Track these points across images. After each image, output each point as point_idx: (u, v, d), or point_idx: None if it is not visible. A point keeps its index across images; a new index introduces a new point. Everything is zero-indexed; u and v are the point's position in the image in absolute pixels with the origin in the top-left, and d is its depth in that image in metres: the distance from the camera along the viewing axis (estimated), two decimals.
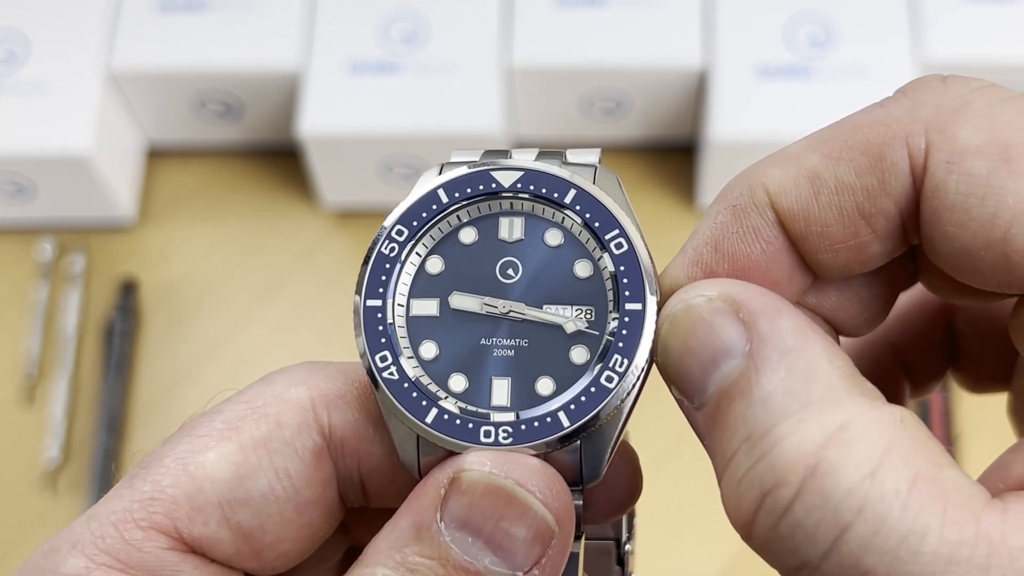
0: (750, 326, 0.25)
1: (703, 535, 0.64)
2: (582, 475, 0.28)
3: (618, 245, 0.28)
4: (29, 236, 0.74)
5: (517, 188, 0.29)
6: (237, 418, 0.28)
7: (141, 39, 0.71)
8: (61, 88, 0.69)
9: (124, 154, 0.74)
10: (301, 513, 0.28)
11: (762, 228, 0.27)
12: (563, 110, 0.72)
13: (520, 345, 0.28)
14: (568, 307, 0.28)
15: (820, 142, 0.27)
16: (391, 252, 0.29)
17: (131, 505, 0.27)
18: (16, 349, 0.71)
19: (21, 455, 0.68)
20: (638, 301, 0.28)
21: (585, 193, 0.29)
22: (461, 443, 0.27)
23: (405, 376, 0.28)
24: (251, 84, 0.71)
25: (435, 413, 0.27)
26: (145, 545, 0.27)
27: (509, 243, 0.29)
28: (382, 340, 0.28)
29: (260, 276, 0.73)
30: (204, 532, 0.27)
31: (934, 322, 0.35)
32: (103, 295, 0.72)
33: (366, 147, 0.69)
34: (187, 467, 0.28)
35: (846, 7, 0.70)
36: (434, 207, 0.29)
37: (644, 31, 0.69)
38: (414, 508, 0.26)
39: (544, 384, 0.28)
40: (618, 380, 0.27)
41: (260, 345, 0.71)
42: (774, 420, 0.24)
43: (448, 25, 0.70)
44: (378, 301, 0.28)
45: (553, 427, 0.27)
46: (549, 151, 0.30)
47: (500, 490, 0.26)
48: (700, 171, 0.71)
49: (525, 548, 0.26)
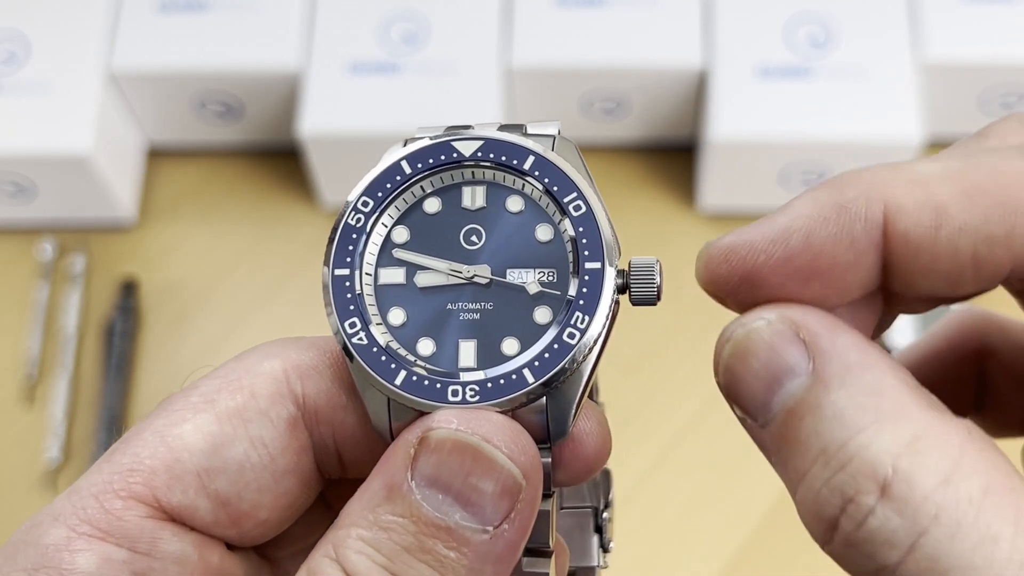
0: (811, 345, 0.26)
1: (703, 535, 0.65)
2: (549, 433, 0.28)
3: (576, 207, 0.29)
4: (29, 236, 0.74)
5: (478, 157, 0.30)
6: (212, 391, 0.29)
7: (141, 39, 0.71)
8: (61, 88, 0.69)
9: (124, 154, 0.74)
10: (278, 481, 0.29)
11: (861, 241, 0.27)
12: (563, 110, 0.72)
13: (485, 308, 0.29)
14: (531, 270, 0.29)
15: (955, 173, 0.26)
16: (357, 223, 0.30)
17: (110, 477, 0.28)
18: (16, 349, 0.71)
19: (21, 455, 0.68)
20: (597, 260, 0.28)
21: (543, 159, 0.29)
22: (429, 403, 0.28)
23: (375, 341, 0.28)
24: (251, 84, 0.71)
25: (404, 375, 0.28)
26: (125, 514, 0.28)
27: (472, 211, 0.30)
28: (351, 308, 0.29)
29: (260, 276, 0.73)
30: (183, 500, 0.28)
31: (966, 366, 0.35)
32: (103, 295, 0.72)
33: (366, 147, 0.69)
34: (164, 439, 0.28)
35: (846, 7, 0.70)
36: (398, 178, 0.30)
37: (644, 31, 0.69)
38: (385, 469, 0.27)
39: (509, 344, 0.28)
40: (580, 336, 0.28)
41: None
42: (848, 434, 0.25)
43: (448, 25, 0.70)
44: (346, 270, 0.29)
45: (519, 383, 0.28)
46: (509, 125, 0.30)
47: (467, 446, 0.27)
48: (700, 171, 0.71)
49: (494, 502, 0.26)
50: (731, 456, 0.66)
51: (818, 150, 0.67)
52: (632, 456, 0.66)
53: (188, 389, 0.30)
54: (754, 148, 0.67)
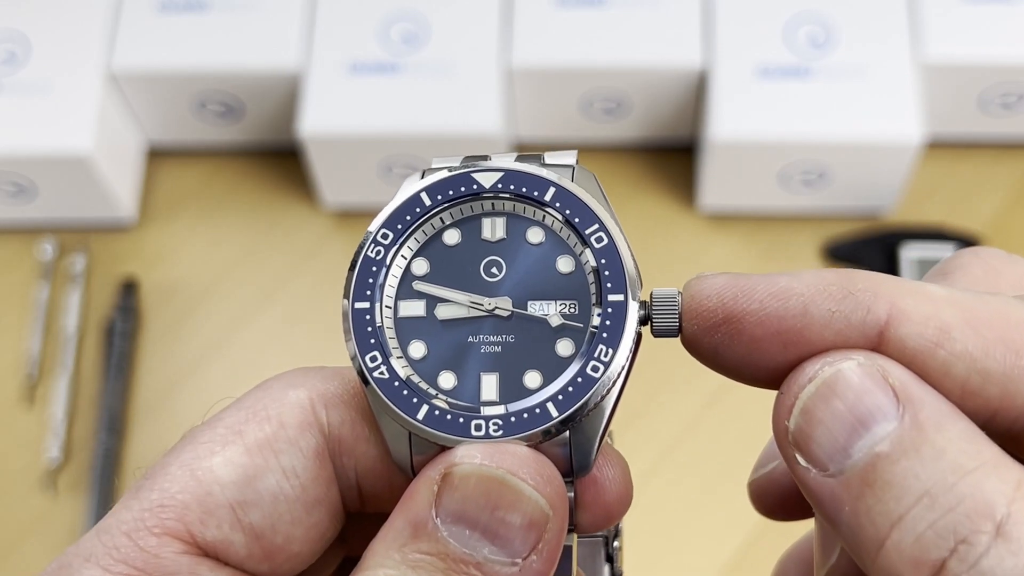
0: (901, 392, 0.26)
1: (702, 536, 0.65)
2: (572, 466, 0.28)
3: (598, 239, 0.29)
4: (30, 236, 0.74)
5: (498, 188, 0.29)
6: (239, 422, 0.29)
7: (141, 39, 0.71)
8: (62, 88, 0.69)
9: (124, 154, 0.74)
10: (309, 512, 0.29)
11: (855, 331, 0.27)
12: (563, 110, 0.72)
13: (507, 341, 0.29)
14: (552, 302, 0.29)
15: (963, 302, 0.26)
16: (377, 255, 0.29)
17: (141, 514, 0.27)
18: (17, 349, 0.71)
19: (21, 455, 0.68)
20: (620, 292, 0.28)
21: (564, 190, 0.29)
22: (452, 437, 0.27)
23: (396, 375, 0.28)
24: (251, 84, 0.71)
25: (426, 410, 0.28)
26: (161, 551, 0.27)
27: (492, 242, 0.29)
28: (371, 341, 0.28)
29: (260, 276, 0.73)
30: (217, 535, 0.28)
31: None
32: (103, 295, 0.72)
33: (366, 147, 0.69)
34: (194, 472, 0.28)
35: (846, 7, 0.70)
36: (417, 210, 0.29)
37: (644, 31, 0.69)
38: (409, 507, 0.27)
39: (531, 377, 0.28)
40: (604, 369, 0.28)
41: (260, 345, 0.71)
42: (956, 476, 0.25)
43: (448, 25, 0.70)
44: (366, 303, 0.29)
45: (542, 417, 0.27)
46: (527, 154, 0.30)
47: (492, 480, 0.26)
48: (700, 171, 0.71)
49: (522, 535, 0.26)
50: (731, 456, 0.66)
51: (818, 150, 0.67)
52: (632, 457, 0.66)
53: (212, 421, 0.29)
54: (754, 148, 0.67)
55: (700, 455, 0.67)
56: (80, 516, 0.67)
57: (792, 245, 0.72)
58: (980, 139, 0.74)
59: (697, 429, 0.67)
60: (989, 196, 0.73)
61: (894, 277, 0.27)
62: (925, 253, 0.70)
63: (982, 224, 0.72)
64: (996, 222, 0.72)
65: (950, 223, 0.72)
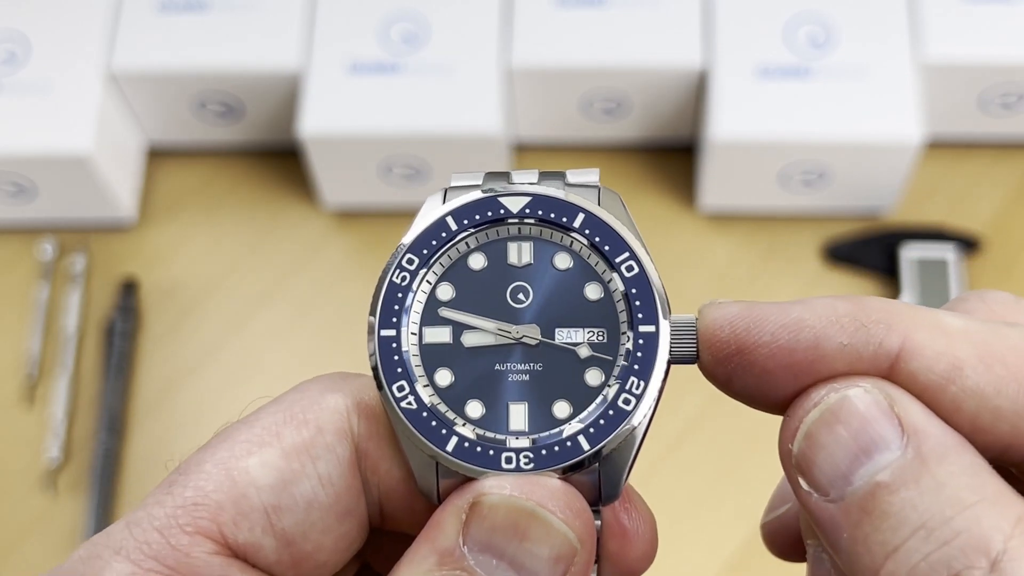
0: (906, 422, 0.26)
1: (703, 536, 0.65)
2: (600, 495, 0.28)
3: (628, 268, 0.29)
4: (30, 236, 0.74)
5: (525, 213, 0.29)
6: (277, 423, 0.28)
7: (141, 39, 0.71)
8: (61, 88, 0.69)
9: (124, 154, 0.74)
10: (340, 522, 0.28)
11: (866, 363, 0.27)
12: (563, 110, 0.72)
13: (535, 369, 0.28)
14: (580, 329, 0.29)
15: (977, 336, 0.26)
16: (402, 281, 0.29)
17: (174, 511, 0.27)
18: (16, 349, 0.71)
19: (21, 455, 0.68)
20: (651, 323, 0.28)
21: (593, 216, 0.29)
22: (483, 470, 0.27)
23: (423, 404, 0.28)
24: (251, 84, 0.71)
25: (455, 441, 0.28)
26: (192, 550, 0.27)
27: (518, 268, 0.29)
28: (398, 370, 0.28)
29: (260, 276, 0.73)
30: (249, 538, 0.27)
31: None
32: (103, 295, 0.72)
33: (366, 147, 0.69)
34: (230, 472, 0.27)
35: (846, 7, 0.70)
36: (443, 234, 0.29)
37: (644, 31, 0.69)
38: (435, 534, 0.26)
39: (560, 407, 0.28)
40: (635, 402, 0.28)
41: (260, 345, 0.71)
42: (954, 510, 0.25)
43: (448, 25, 0.70)
44: (392, 331, 0.29)
45: (573, 451, 0.27)
46: (549, 172, 0.30)
47: (521, 511, 0.26)
48: (700, 171, 0.71)
49: (549, 567, 0.26)
50: (731, 456, 0.66)
51: (818, 150, 0.67)
52: None
53: (249, 420, 0.29)
54: (754, 148, 0.67)
55: (700, 455, 0.67)
56: (80, 516, 0.67)
57: (792, 245, 0.72)
58: (980, 139, 0.74)
59: (698, 429, 0.67)
60: (989, 196, 0.73)
61: (910, 306, 0.27)
62: (925, 253, 0.70)
63: (982, 224, 0.72)
64: (996, 222, 0.72)
65: (950, 223, 0.72)
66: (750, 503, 0.66)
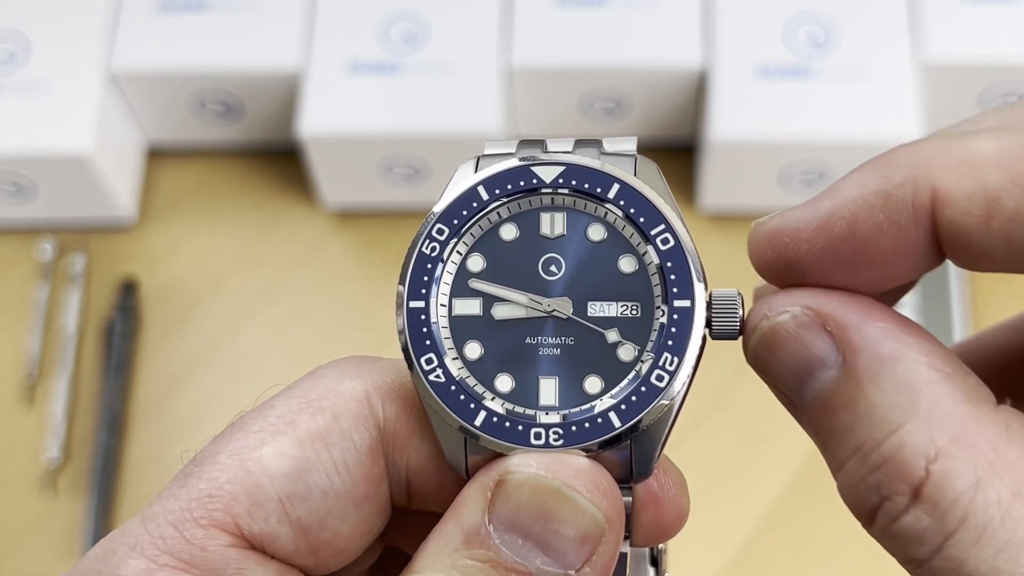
0: (839, 338, 0.26)
1: (703, 535, 0.64)
2: (632, 472, 0.28)
3: (664, 240, 0.28)
4: (29, 236, 0.74)
5: (559, 183, 0.28)
6: (291, 412, 0.28)
7: (141, 39, 0.71)
8: (61, 88, 0.69)
9: (124, 154, 0.74)
10: (358, 509, 0.28)
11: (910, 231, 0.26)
12: (563, 110, 0.72)
13: (566, 343, 0.28)
14: (613, 303, 0.28)
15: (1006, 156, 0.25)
16: (432, 252, 0.28)
17: (189, 504, 0.27)
18: (16, 349, 0.71)
19: (21, 455, 0.68)
20: (687, 298, 0.27)
21: (628, 187, 0.28)
22: (511, 446, 0.27)
23: (451, 378, 0.27)
24: (251, 84, 0.71)
25: (484, 416, 0.27)
26: (208, 544, 0.27)
27: (551, 239, 0.28)
28: (427, 342, 0.28)
29: (260, 276, 0.73)
30: (264, 528, 0.27)
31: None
32: (103, 295, 0.72)
33: (366, 147, 0.69)
34: (244, 463, 0.27)
35: (846, 7, 0.70)
36: (474, 204, 0.28)
37: (644, 31, 0.69)
38: (461, 512, 0.26)
39: (592, 383, 0.28)
40: (669, 379, 0.27)
41: (260, 345, 0.71)
42: (882, 433, 0.25)
43: (448, 25, 0.70)
44: (421, 302, 0.28)
45: (604, 428, 0.27)
46: (585, 140, 0.29)
47: (547, 490, 0.26)
48: (700, 171, 0.71)
49: (575, 547, 0.26)
50: (732, 456, 0.66)
51: (818, 150, 0.67)
52: None
53: (263, 408, 0.28)
54: (754, 148, 0.67)
55: (700, 455, 0.67)
56: (80, 516, 0.67)
57: None
58: None
59: (698, 429, 0.67)
60: None
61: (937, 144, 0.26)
62: None
63: None
64: None
65: None
66: (752, 501, 0.66)
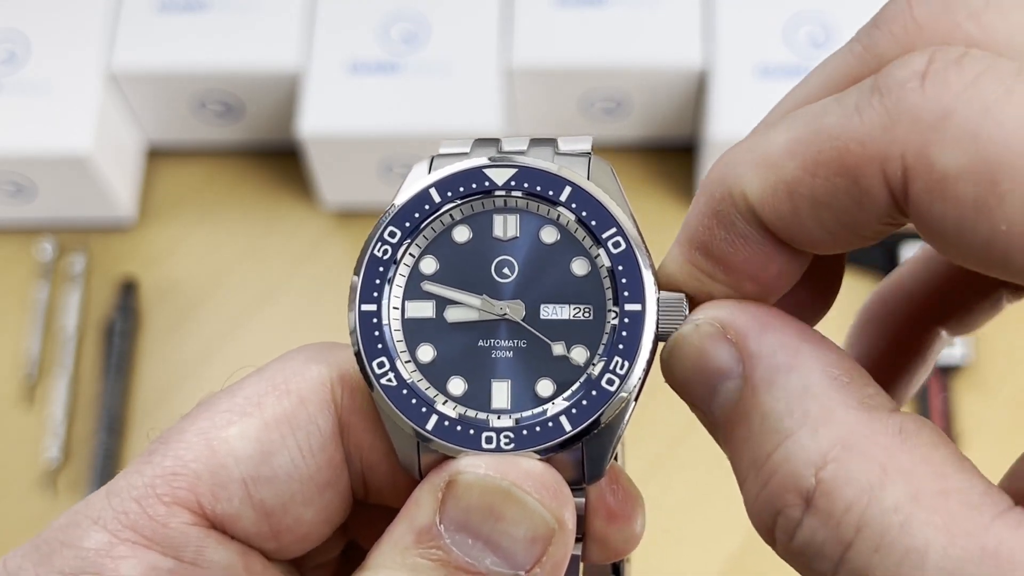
0: (740, 347, 0.25)
1: (703, 535, 0.64)
2: (584, 474, 0.27)
3: (615, 244, 0.28)
4: (29, 236, 0.74)
5: (511, 186, 0.28)
6: (259, 394, 0.28)
7: (141, 39, 0.71)
8: (61, 88, 0.69)
9: (124, 154, 0.74)
10: (321, 494, 0.28)
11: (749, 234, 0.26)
12: (563, 110, 0.72)
13: (519, 346, 0.28)
14: (566, 306, 0.28)
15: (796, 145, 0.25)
16: (384, 255, 0.28)
17: (153, 480, 0.27)
18: (16, 349, 0.71)
19: (21, 455, 0.68)
20: (637, 302, 0.27)
21: (580, 190, 0.28)
22: (463, 450, 0.27)
23: (403, 382, 0.27)
24: (251, 84, 0.71)
25: (435, 420, 0.27)
26: (169, 520, 0.27)
27: (504, 241, 0.28)
28: (378, 345, 0.28)
29: (260, 276, 0.73)
30: (227, 509, 0.27)
31: None
32: (103, 295, 0.72)
33: (366, 147, 0.69)
34: (210, 442, 0.27)
35: (846, 7, 0.70)
36: (426, 207, 0.28)
37: (644, 31, 0.69)
38: (413, 512, 0.26)
39: (544, 385, 0.28)
40: (619, 382, 0.27)
41: (260, 345, 0.71)
42: (773, 444, 0.24)
43: (448, 25, 0.70)
44: (373, 306, 0.28)
45: (555, 431, 0.27)
46: (540, 139, 0.29)
47: (496, 491, 0.26)
48: (700, 171, 0.71)
49: (525, 548, 0.26)
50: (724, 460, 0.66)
51: None
52: (631, 456, 0.66)
53: (232, 389, 0.29)
54: None
55: (700, 455, 0.67)
56: None
57: None
58: None
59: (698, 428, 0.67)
60: None
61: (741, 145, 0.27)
62: None
63: None
64: None
65: None
66: None
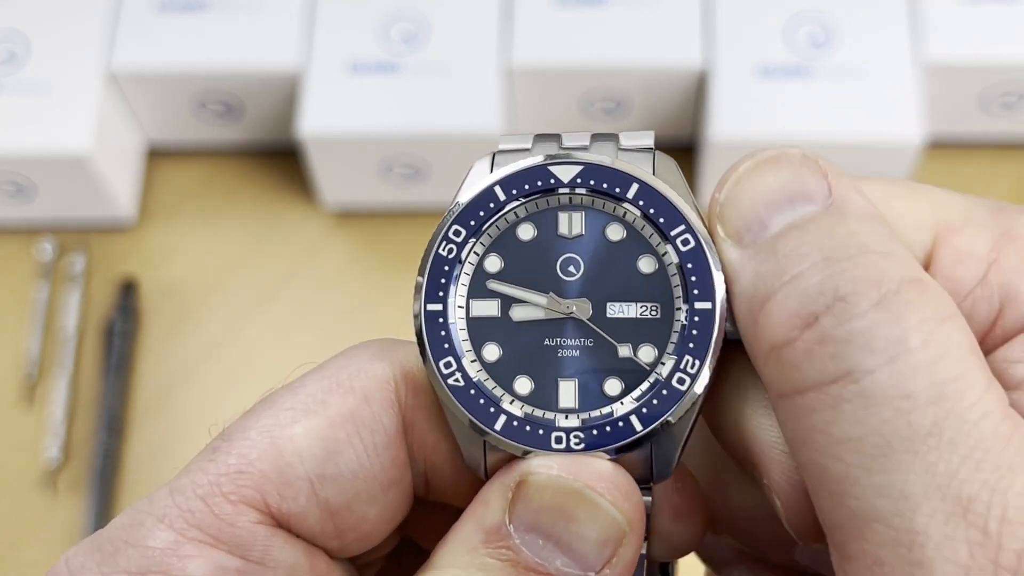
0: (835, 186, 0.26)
1: None
2: (652, 473, 0.27)
3: (684, 242, 0.27)
4: (29, 236, 0.74)
5: (577, 183, 0.28)
6: (322, 392, 0.28)
7: (141, 39, 0.71)
8: (61, 88, 0.69)
9: (124, 154, 0.74)
10: (385, 493, 0.28)
11: None
12: (563, 110, 0.72)
13: (585, 345, 0.28)
14: (633, 304, 0.28)
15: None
16: (449, 254, 0.28)
17: (218, 479, 0.27)
18: (16, 349, 0.71)
19: (21, 455, 0.68)
20: (707, 300, 0.27)
21: (647, 187, 0.28)
22: (532, 450, 0.27)
23: (470, 381, 0.27)
24: (251, 84, 0.71)
25: (503, 420, 0.27)
26: (236, 520, 0.26)
27: (569, 239, 0.28)
28: (445, 345, 0.27)
29: (260, 276, 0.73)
30: (293, 508, 0.27)
31: None
32: (103, 295, 0.72)
33: (366, 147, 0.69)
34: (275, 441, 0.27)
35: (846, 7, 0.70)
36: (491, 205, 0.28)
37: (644, 31, 0.69)
38: (482, 512, 0.26)
39: (611, 385, 0.27)
40: (690, 382, 0.27)
41: (260, 345, 0.71)
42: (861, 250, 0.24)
43: (448, 25, 0.70)
44: (439, 305, 0.28)
45: (625, 431, 0.27)
46: (602, 134, 0.29)
47: (568, 492, 0.26)
48: (700, 171, 0.71)
49: (596, 549, 0.26)
50: None
51: (819, 150, 0.67)
52: None
53: (294, 386, 0.28)
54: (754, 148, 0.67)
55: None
56: (79, 516, 0.67)
57: None
58: (980, 139, 0.74)
59: None
60: (989, 196, 0.72)
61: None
62: None
63: None
64: None
65: None
66: None
